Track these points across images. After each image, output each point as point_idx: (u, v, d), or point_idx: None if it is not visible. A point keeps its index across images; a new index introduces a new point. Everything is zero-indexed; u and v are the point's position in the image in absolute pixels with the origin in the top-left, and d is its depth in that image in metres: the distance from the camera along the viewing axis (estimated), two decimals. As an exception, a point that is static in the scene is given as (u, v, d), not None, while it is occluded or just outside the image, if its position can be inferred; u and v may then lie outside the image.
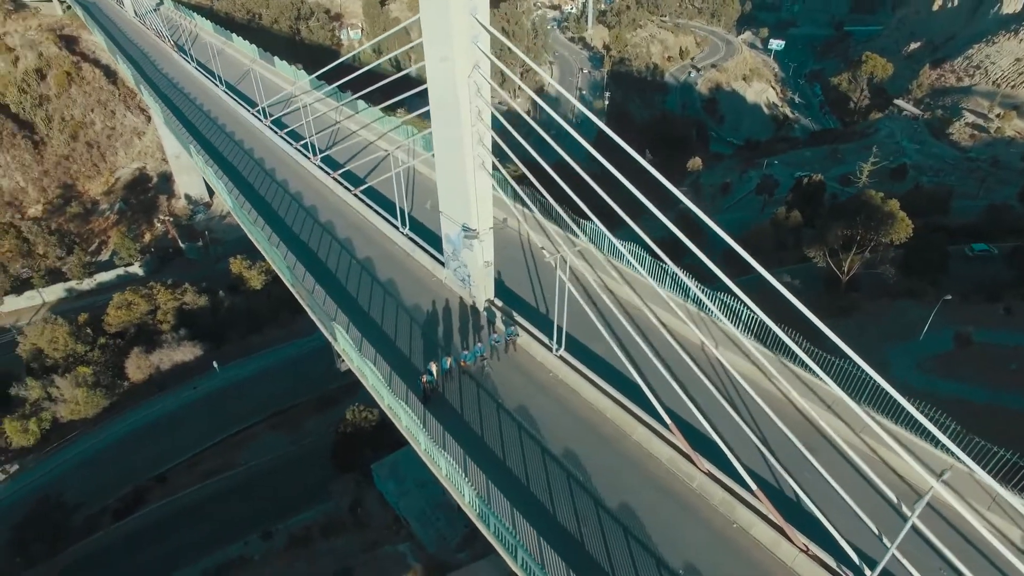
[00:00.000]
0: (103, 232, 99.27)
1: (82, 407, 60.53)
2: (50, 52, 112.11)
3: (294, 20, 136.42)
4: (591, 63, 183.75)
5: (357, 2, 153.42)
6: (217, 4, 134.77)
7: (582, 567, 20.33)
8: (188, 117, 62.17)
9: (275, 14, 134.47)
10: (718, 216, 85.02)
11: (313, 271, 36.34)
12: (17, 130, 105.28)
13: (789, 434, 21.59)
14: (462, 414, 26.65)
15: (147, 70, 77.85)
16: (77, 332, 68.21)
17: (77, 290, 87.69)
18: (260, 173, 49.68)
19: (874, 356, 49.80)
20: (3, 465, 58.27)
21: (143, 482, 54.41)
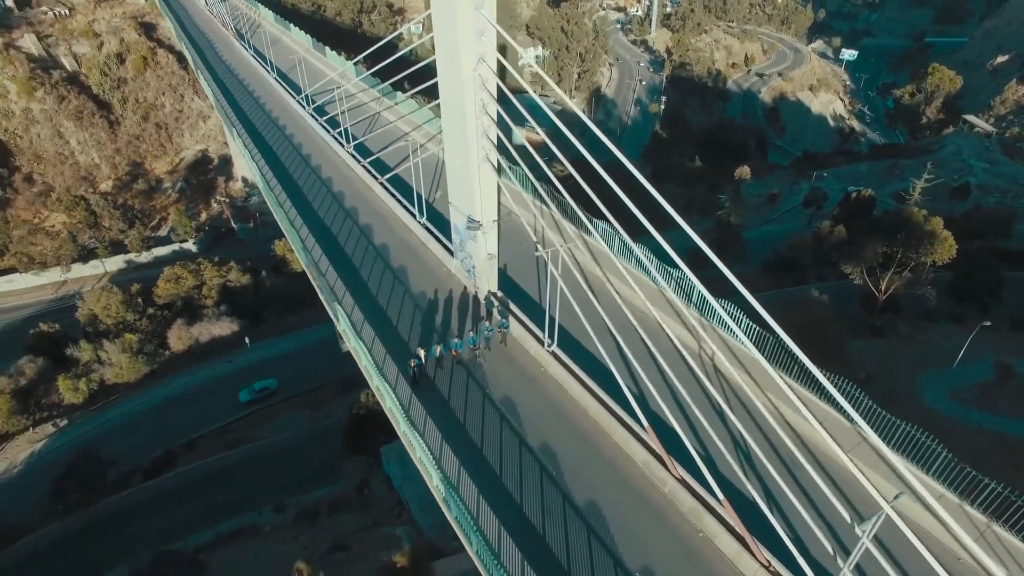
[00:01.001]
0: (164, 209, 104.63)
1: (125, 371, 64.09)
2: (131, 38, 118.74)
3: (357, 13, 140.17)
4: (651, 67, 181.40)
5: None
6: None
7: (539, 560, 20.39)
8: (238, 101, 64.92)
9: (339, 6, 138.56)
10: (762, 227, 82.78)
11: (331, 254, 37.49)
12: (96, 110, 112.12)
13: (764, 449, 21.10)
14: (448, 400, 27.06)
15: (208, 56, 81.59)
16: (129, 301, 72.16)
17: (136, 262, 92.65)
18: (297, 158, 51.44)
19: (902, 380, 47.95)
20: (54, 419, 62.32)
21: (174, 447, 57.17)
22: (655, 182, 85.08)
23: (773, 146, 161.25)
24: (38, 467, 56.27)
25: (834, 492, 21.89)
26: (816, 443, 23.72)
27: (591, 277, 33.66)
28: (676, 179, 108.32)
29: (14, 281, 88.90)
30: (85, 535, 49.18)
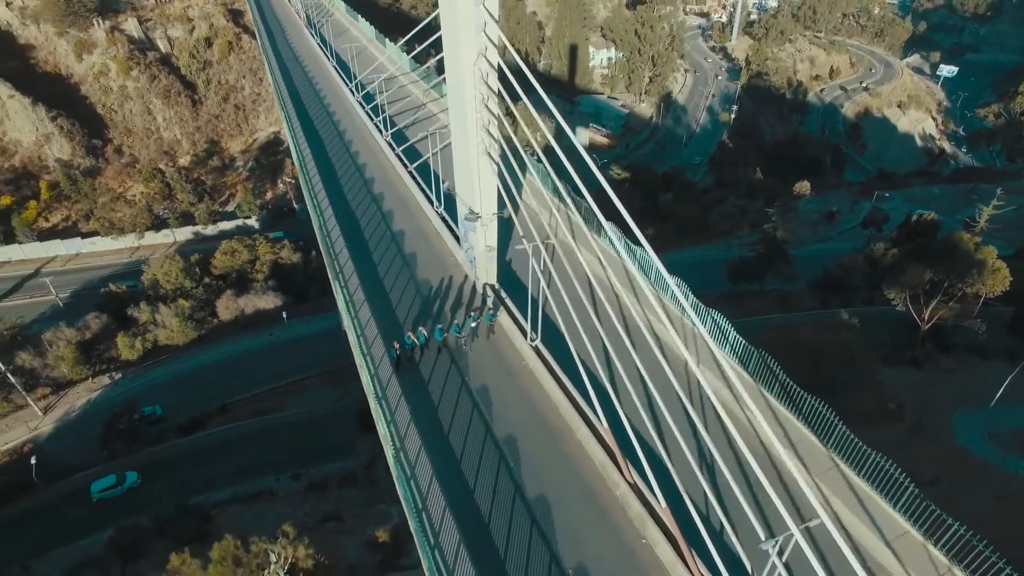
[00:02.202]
0: (233, 186, 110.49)
1: (176, 335, 68.35)
2: (219, 24, 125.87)
3: (432, 6, 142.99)
4: (728, 74, 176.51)
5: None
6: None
7: (477, 545, 20.72)
8: (296, 85, 67.94)
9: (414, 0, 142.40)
10: (816, 245, 79.33)
11: (350, 234, 38.90)
12: (182, 90, 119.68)
13: (730, 465, 20.60)
14: (427, 384, 27.66)
15: (278, 41, 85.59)
16: (188, 269, 76.84)
17: (202, 234, 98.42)
18: (338, 141, 53.42)
19: (936, 415, 45.17)
20: (110, 372, 67.26)
21: (208, 409, 60.56)
22: (718, 191, 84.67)
23: (851, 163, 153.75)
24: (92, 414, 60.96)
25: (794, 518, 21.26)
26: (784, 466, 22.86)
27: (595, 279, 33.49)
28: (737, 190, 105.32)
29: (96, 243, 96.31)
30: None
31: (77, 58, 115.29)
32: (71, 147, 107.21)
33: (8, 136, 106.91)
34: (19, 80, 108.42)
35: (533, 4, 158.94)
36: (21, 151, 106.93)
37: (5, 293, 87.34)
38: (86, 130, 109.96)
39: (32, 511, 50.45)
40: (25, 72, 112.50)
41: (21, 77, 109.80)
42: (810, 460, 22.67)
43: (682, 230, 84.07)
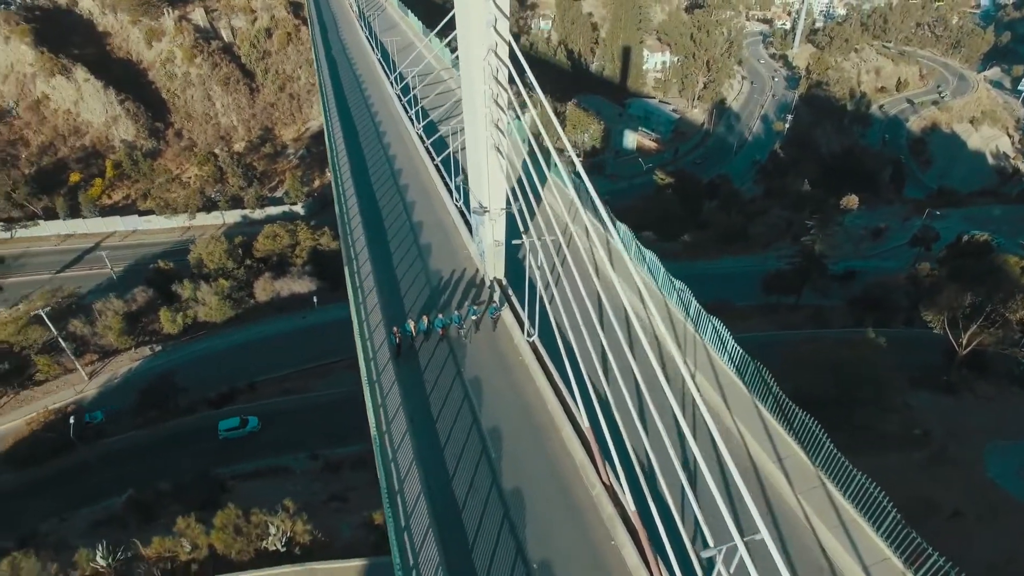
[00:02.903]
0: (283, 173, 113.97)
1: (215, 312, 71.11)
2: (280, 15, 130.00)
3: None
4: (787, 83, 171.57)
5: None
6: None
7: (448, 530, 21.03)
8: (340, 76, 69.72)
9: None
10: (859, 261, 76.42)
11: (370, 222, 39.81)
12: (241, 78, 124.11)
13: (714, 474, 20.29)
14: (423, 372, 28.11)
15: (330, 34, 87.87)
16: (231, 251, 79.84)
17: (250, 217, 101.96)
18: (373, 133, 54.58)
19: (966, 445, 43.05)
20: (151, 344, 70.56)
21: (238, 385, 62.78)
22: (764, 201, 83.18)
23: (913, 179, 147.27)
24: (131, 382, 64.04)
25: (773, 536, 20.77)
26: (773, 482, 22.33)
27: (603, 280, 33.35)
28: (784, 201, 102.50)
29: (151, 221, 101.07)
30: (152, 446, 55.63)
31: (147, 45, 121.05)
32: (136, 129, 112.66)
33: (81, 117, 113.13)
34: (95, 65, 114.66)
35: (590, 5, 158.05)
36: (92, 131, 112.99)
37: (68, 264, 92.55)
38: (150, 113, 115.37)
39: (69, 469, 53.47)
40: (101, 57, 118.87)
41: (97, 62, 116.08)
42: (797, 476, 22.04)
43: (722, 239, 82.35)
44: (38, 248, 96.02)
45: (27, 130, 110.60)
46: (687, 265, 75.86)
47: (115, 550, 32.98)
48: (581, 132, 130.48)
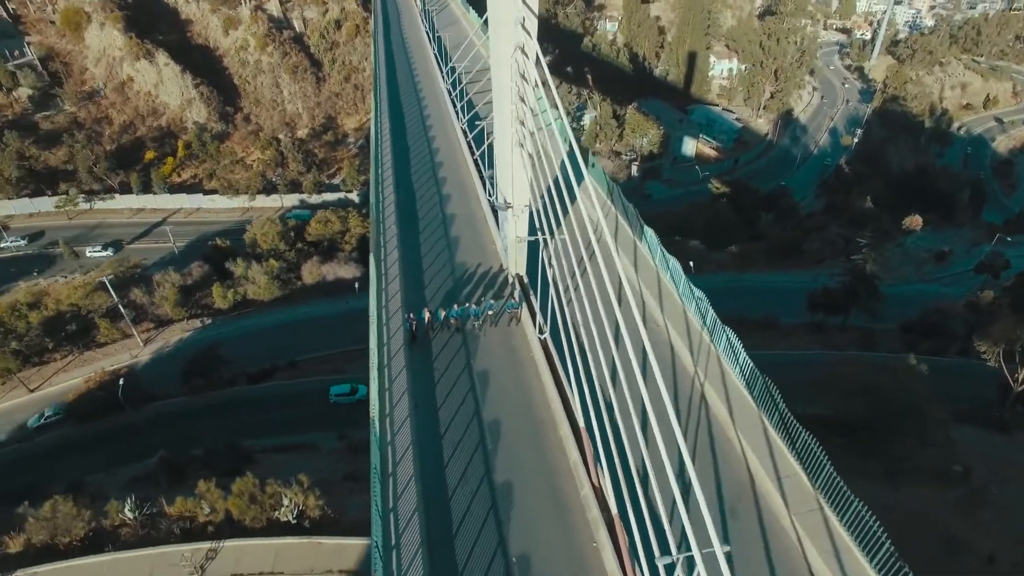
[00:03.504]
0: (341, 161, 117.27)
1: (263, 291, 73.97)
2: (350, 7, 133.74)
3: (552, 4, 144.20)
4: (861, 96, 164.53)
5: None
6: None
7: (434, 516, 21.41)
8: (396, 68, 71.32)
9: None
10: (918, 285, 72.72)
11: (404, 211, 40.68)
12: (309, 67, 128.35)
13: (706, 487, 20.11)
14: (433, 361, 28.60)
15: (392, 27, 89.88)
16: (284, 233, 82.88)
17: (306, 202, 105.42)
18: (419, 125, 55.63)
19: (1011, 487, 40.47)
20: (202, 317, 74.01)
21: (279, 363, 65.11)
22: (823, 217, 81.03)
23: (995, 203, 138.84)
24: (181, 352, 67.35)
25: (761, 554, 20.29)
26: (769, 500, 21.71)
27: (628, 282, 33.05)
28: (843, 218, 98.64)
29: (215, 200, 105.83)
30: (192, 414, 58.46)
31: (224, 33, 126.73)
32: (208, 112, 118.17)
33: (160, 99, 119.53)
34: (176, 50, 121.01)
35: (658, 8, 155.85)
36: (168, 112, 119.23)
37: (136, 236, 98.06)
38: (222, 97, 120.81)
39: (119, 428, 56.77)
40: (181, 44, 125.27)
41: (178, 48, 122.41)
42: (794, 497, 21.31)
43: (773, 252, 79.93)
44: (113, 220, 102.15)
45: (112, 109, 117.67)
46: (733, 277, 74.07)
47: (142, 505, 34.96)
48: (640, 136, 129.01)
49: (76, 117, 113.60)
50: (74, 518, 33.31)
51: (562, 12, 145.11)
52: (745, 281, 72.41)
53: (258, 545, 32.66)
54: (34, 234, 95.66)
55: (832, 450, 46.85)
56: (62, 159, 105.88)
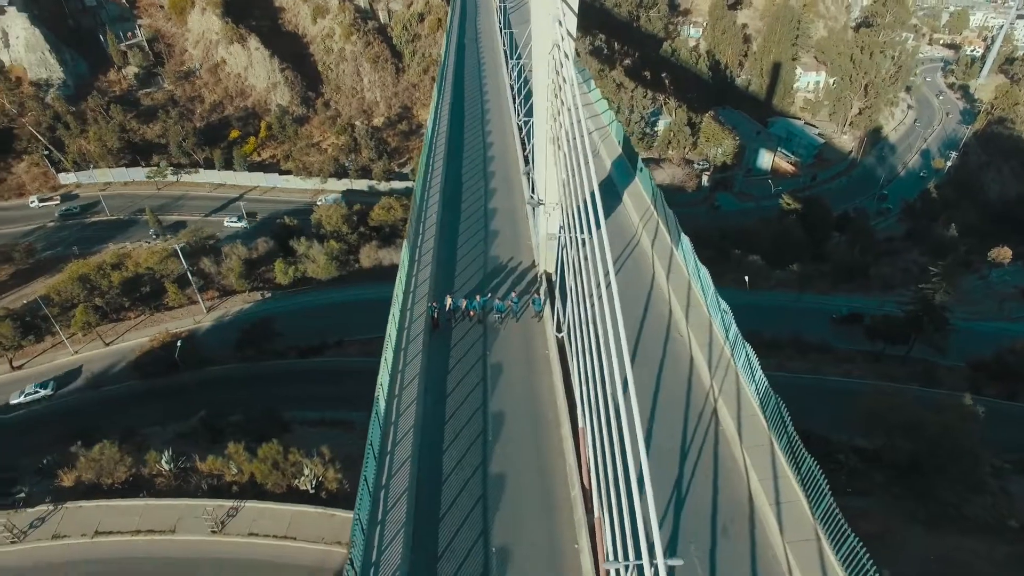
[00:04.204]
0: (412, 151, 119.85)
1: (321, 271, 76.76)
2: (434, 1, 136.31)
3: (635, 7, 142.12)
4: (961, 117, 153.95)
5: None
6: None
7: (424, 499, 21.84)
8: (465, 62, 72.38)
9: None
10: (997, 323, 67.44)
11: (449, 203, 41.44)
12: (390, 57, 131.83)
13: (700, 503, 19.78)
14: (451, 348, 29.09)
15: (468, 22, 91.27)
16: (347, 217, 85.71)
17: (376, 188, 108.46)
18: (478, 119, 56.32)
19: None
20: (263, 290, 77.58)
21: (328, 340, 67.45)
22: (901, 242, 77.60)
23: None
24: (239, 322, 70.85)
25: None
26: (765, 524, 20.93)
27: (657, 287, 32.59)
28: (924, 245, 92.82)
29: (289, 181, 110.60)
30: (241, 380, 61.43)
31: (312, 21, 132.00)
32: (291, 96, 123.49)
33: (248, 81, 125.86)
34: (266, 36, 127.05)
35: (746, 16, 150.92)
36: (254, 94, 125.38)
37: (214, 210, 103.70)
38: (305, 83, 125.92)
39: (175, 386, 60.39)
40: (272, 29, 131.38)
41: (268, 33, 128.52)
42: (791, 524, 20.42)
43: (839, 274, 76.17)
44: (195, 193, 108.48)
45: (205, 89, 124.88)
46: (792, 296, 71.18)
47: (177, 459, 37.19)
48: (714, 146, 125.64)
49: (173, 95, 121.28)
50: (117, 462, 35.85)
51: (644, 16, 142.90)
52: (804, 302, 69.38)
53: (275, 509, 34.14)
54: (87, 204, 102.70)
55: (873, 486, 44.49)
56: (157, 133, 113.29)
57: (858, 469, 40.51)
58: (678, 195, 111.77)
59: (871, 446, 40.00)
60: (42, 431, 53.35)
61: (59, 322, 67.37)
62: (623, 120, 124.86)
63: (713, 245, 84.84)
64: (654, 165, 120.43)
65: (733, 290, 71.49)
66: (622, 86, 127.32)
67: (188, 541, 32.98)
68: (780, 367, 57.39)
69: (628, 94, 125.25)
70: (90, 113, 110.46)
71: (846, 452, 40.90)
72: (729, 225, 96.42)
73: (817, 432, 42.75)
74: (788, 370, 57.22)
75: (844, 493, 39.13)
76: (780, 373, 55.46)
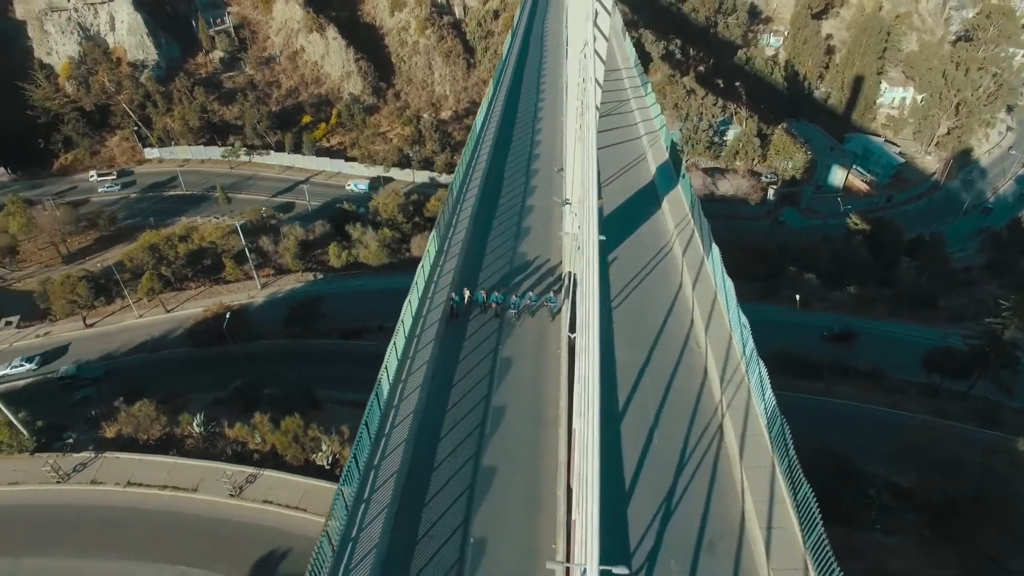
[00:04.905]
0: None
1: (372, 257, 78.76)
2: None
3: (713, 12, 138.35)
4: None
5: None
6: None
7: (413, 482, 22.23)
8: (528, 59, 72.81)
9: (696, 2, 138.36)
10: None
11: (487, 196, 41.86)
12: (462, 52, 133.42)
13: (686, 517, 19.47)
14: (464, 339, 29.37)
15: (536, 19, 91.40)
16: (403, 206, 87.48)
17: (436, 180, 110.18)
18: (531, 115, 56.50)
19: None
20: (315, 271, 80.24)
21: (370, 325, 69.13)
22: (979, 272, 73.80)
23: None
24: (289, 299, 73.51)
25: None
26: (751, 548, 20.18)
27: (681, 296, 31.87)
28: (1005, 277, 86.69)
29: (353, 168, 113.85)
30: (284, 356, 63.79)
31: (390, 14, 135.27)
32: (363, 85, 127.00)
33: (323, 69, 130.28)
34: (344, 26, 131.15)
35: (832, 27, 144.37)
36: (328, 82, 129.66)
37: (280, 191, 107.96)
38: (378, 73, 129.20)
39: (223, 356, 63.30)
40: (350, 20, 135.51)
41: (346, 24, 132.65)
42: (779, 551, 19.56)
43: (901, 301, 72.05)
44: (264, 174, 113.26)
45: (283, 75, 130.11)
46: (847, 320, 67.86)
47: (208, 423, 39.09)
48: (784, 159, 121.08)
49: (252, 79, 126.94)
50: (153, 420, 38.03)
51: (723, 22, 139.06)
52: (859, 326, 65.96)
53: (291, 481, 35.37)
54: (127, 182, 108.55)
55: (903, 524, 42.01)
56: (234, 115, 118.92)
57: (890, 506, 38.32)
58: (741, 207, 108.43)
59: (907, 483, 37.78)
60: (102, 386, 57.20)
61: (128, 287, 71.83)
62: (691, 127, 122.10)
63: (770, 260, 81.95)
64: (719, 175, 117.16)
65: (782, 308, 68.89)
66: (692, 92, 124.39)
67: (208, 501, 34.63)
68: (826, 392, 54.94)
69: (698, 101, 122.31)
70: (176, 93, 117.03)
71: (879, 487, 38.77)
72: (790, 241, 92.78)
73: (852, 463, 40.77)
74: (834, 395, 54.68)
75: (872, 529, 37.16)
76: (823, 398, 53.15)
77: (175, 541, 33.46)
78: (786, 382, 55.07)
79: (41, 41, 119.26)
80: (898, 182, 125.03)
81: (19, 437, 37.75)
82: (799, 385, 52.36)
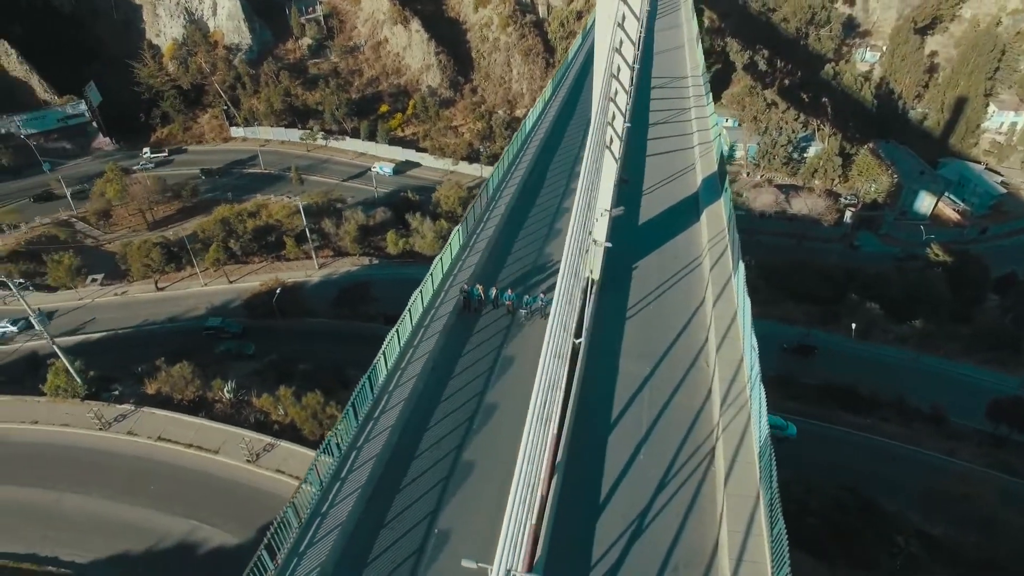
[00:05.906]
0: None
1: (426, 246, 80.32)
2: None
3: (805, 24, 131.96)
4: None
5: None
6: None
7: (391, 468, 22.64)
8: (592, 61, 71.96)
9: (787, 12, 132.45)
10: None
11: (525, 193, 42.03)
12: (541, 51, 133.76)
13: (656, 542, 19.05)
14: (471, 334, 29.63)
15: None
16: (464, 199, 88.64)
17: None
18: (583, 119, 55.93)
19: None
20: (371, 256, 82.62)
21: (416, 312, 70.43)
22: None
23: None
24: (342, 281, 76.09)
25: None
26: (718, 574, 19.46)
27: (700, 312, 30.95)
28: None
29: (423, 159, 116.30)
30: (329, 335, 66.12)
31: (474, 10, 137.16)
32: (441, 79, 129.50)
33: (404, 60, 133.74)
34: (428, 19, 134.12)
35: (937, 43, 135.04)
36: (408, 74, 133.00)
37: (351, 176, 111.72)
38: (456, 67, 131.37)
39: (271, 328, 66.18)
40: (434, 14, 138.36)
41: (430, 17, 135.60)
42: None
43: (977, 341, 66.84)
44: (338, 158, 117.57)
45: (365, 64, 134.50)
46: (910, 355, 63.66)
47: (237, 391, 41.15)
48: (867, 181, 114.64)
49: (336, 67, 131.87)
50: (188, 382, 40.39)
51: (814, 34, 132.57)
52: (923, 363, 61.61)
53: (305, 454, 36.74)
54: (161, 161, 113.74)
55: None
56: (316, 100, 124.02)
57: (919, 556, 35.88)
58: (813, 228, 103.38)
59: (938, 532, 35.26)
60: (155, 346, 61.17)
61: (197, 256, 76.31)
62: (769, 141, 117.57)
63: (835, 285, 77.95)
64: (793, 192, 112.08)
65: (838, 336, 65.34)
66: (774, 105, 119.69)
67: (226, 464, 36.51)
68: (872, 428, 51.86)
69: (778, 114, 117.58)
70: (264, 77, 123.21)
71: (908, 535, 36.34)
72: (862, 267, 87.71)
73: (881, 506, 38.40)
74: (881, 433, 51.54)
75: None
76: (865, 434, 50.18)
77: (193, 497, 35.49)
78: (827, 414, 52.39)
79: (152, 24, 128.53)
80: (997, 214, 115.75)
81: (73, 384, 41.04)
82: (840, 418, 49.64)
